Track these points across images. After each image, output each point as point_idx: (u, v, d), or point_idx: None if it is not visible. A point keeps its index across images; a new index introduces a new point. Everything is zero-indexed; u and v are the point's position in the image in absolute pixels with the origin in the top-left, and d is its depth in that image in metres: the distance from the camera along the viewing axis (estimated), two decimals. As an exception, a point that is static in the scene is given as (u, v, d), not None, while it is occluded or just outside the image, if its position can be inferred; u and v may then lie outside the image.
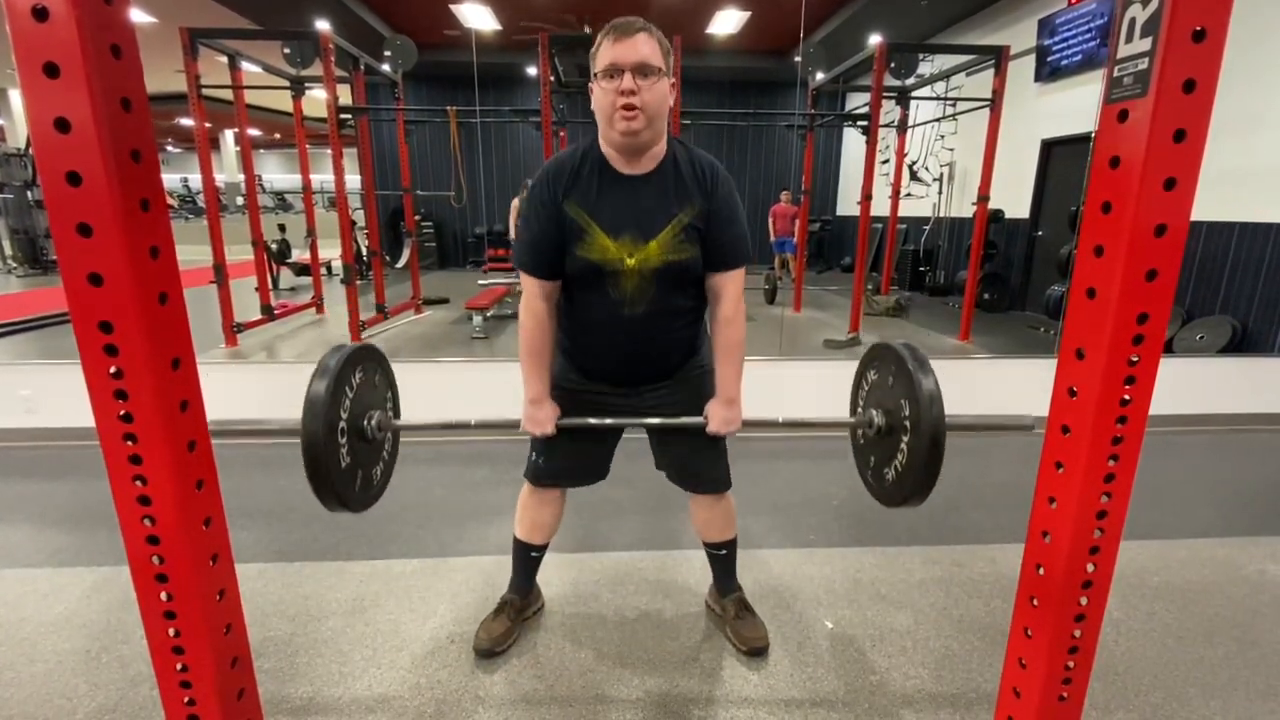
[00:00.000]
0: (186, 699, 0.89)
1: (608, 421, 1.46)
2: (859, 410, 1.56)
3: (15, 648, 1.64)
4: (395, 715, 1.44)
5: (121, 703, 1.46)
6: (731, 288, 1.37)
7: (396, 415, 1.56)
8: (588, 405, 1.48)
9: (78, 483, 2.66)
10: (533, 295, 1.38)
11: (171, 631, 0.85)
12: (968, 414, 1.35)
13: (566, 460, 1.55)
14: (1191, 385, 3.40)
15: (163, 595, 0.83)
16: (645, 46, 1.20)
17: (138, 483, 0.79)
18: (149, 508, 0.80)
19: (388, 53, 5.41)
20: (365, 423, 1.35)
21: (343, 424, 1.26)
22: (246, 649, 0.95)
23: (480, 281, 6.16)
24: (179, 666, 0.87)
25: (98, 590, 1.88)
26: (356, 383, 1.33)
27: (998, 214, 6.30)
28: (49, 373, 3.07)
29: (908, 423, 1.30)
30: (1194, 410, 3.36)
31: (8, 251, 8.96)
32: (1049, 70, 5.76)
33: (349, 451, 1.29)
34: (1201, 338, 4.30)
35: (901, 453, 1.34)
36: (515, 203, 5.37)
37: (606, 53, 1.21)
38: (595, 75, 1.24)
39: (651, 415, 1.49)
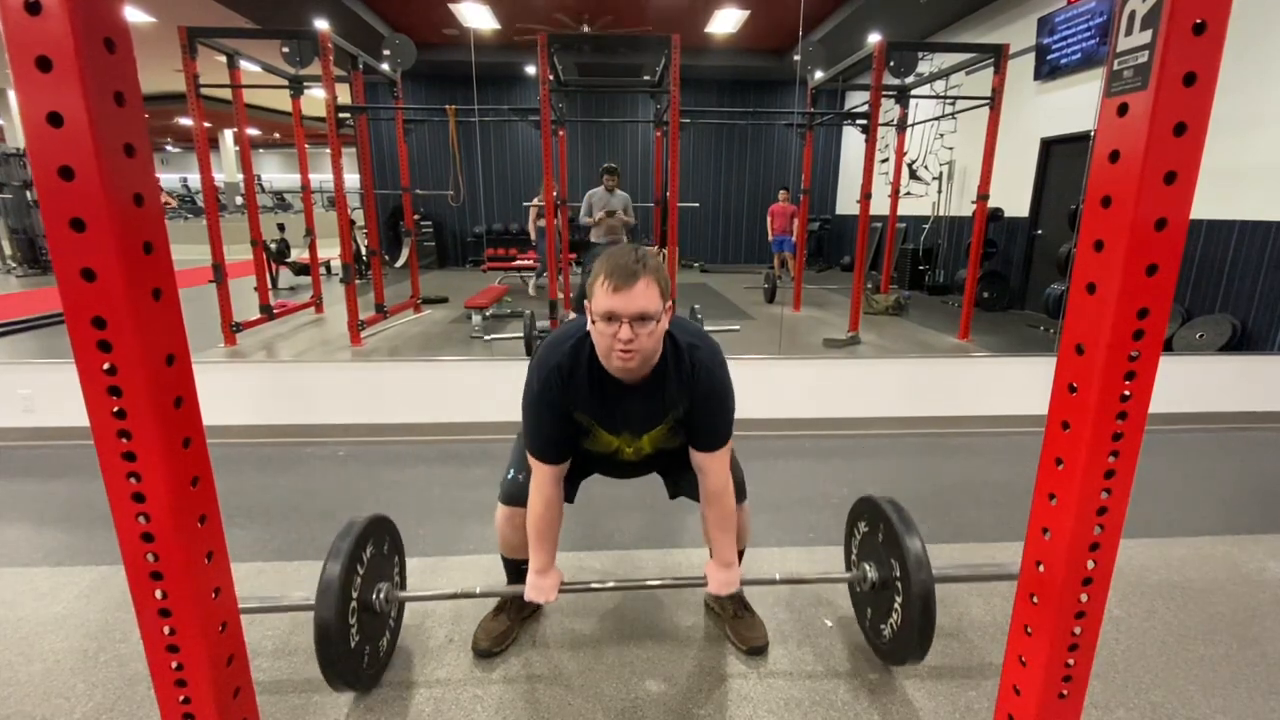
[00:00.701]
0: (181, 697, 0.88)
1: (609, 585, 1.62)
2: (853, 562, 1.68)
3: (13, 647, 1.64)
4: (394, 714, 1.43)
5: (119, 702, 1.45)
6: (716, 465, 1.43)
7: (403, 585, 1.69)
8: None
9: (76, 482, 2.65)
10: (544, 480, 1.41)
11: (166, 630, 0.84)
12: (957, 566, 1.54)
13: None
14: (1191, 383, 3.40)
15: (157, 593, 0.83)
16: (643, 297, 1.20)
17: (132, 480, 0.78)
18: (143, 505, 0.79)
19: (386, 52, 5.40)
20: (374, 596, 1.46)
21: (354, 603, 1.38)
22: (242, 647, 0.95)
23: (484, 271, 6.14)
24: (174, 665, 0.86)
25: (95, 589, 1.88)
26: (368, 558, 1.45)
27: (997, 212, 6.29)
28: (47, 372, 3.07)
29: (899, 584, 1.41)
30: (1194, 408, 3.36)
31: (7, 251, 8.96)
32: (1048, 69, 5.75)
33: (358, 630, 1.39)
34: (1201, 336, 4.30)
35: (895, 612, 1.45)
36: (532, 210, 5.26)
37: (605, 300, 1.20)
38: (593, 318, 1.24)
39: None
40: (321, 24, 4.45)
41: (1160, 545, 2.16)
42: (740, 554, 1.68)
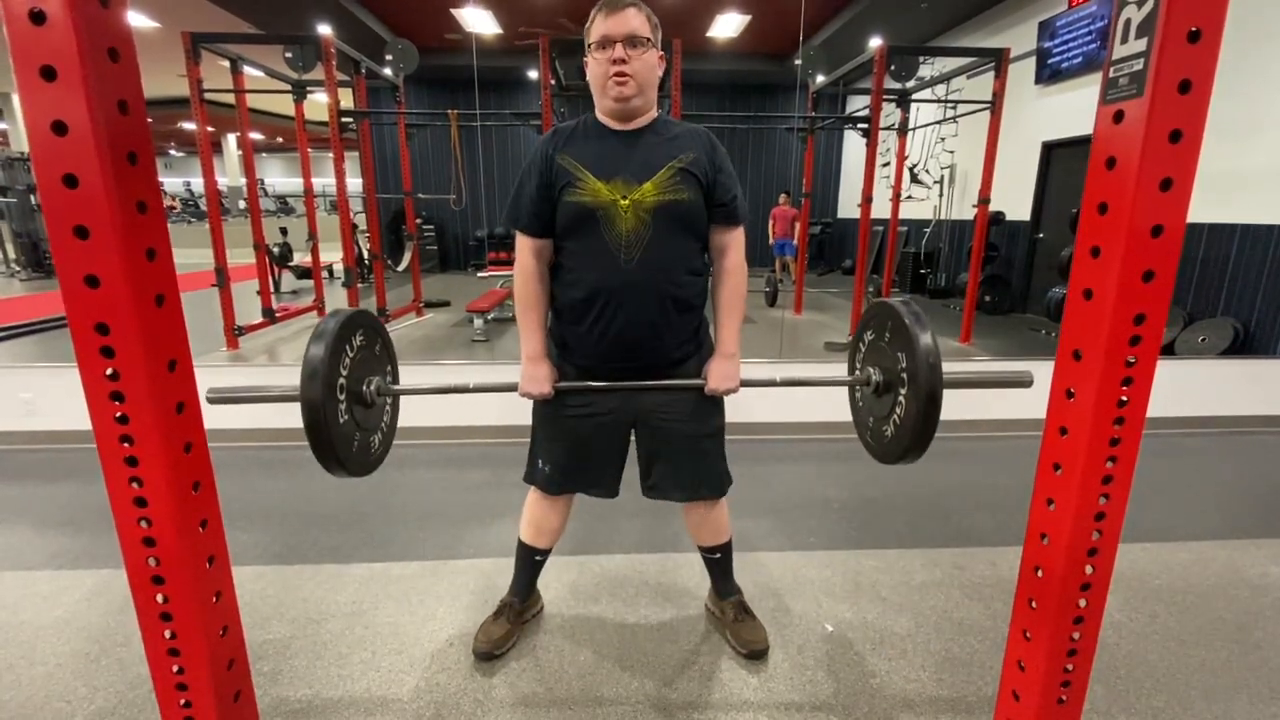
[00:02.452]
0: (183, 701, 0.89)
1: (609, 385, 1.42)
2: (857, 369, 1.53)
3: (15, 650, 1.64)
4: (394, 718, 1.44)
5: (120, 705, 1.46)
6: (736, 242, 1.44)
7: (395, 382, 1.51)
8: (584, 408, 1.47)
9: (78, 485, 2.66)
10: (524, 251, 1.42)
11: (168, 633, 0.85)
12: (966, 370, 1.34)
13: (571, 462, 1.53)
14: (1194, 387, 3.39)
15: (159, 597, 0.83)
16: (634, 19, 1.29)
17: (134, 484, 0.79)
18: (145, 509, 0.80)
19: (389, 56, 5.42)
20: (365, 387, 1.34)
21: (342, 382, 1.24)
22: (243, 651, 0.95)
23: (480, 275, 6.13)
24: (175, 669, 0.87)
25: (98, 593, 1.88)
26: (357, 345, 1.31)
27: (998, 216, 6.30)
28: (50, 375, 3.08)
29: (905, 375, 1.29)
30: (1196, 412, 3.35)
31: (11, 255, 9.00)
32: (1049, 72, 5.76)
33: (348, 413, 1.27)
34: (1203, 340, 4.29)
35: (899, 406, 1.32)
36: None
37: (599, 26, 1.30)
38: (589, 48, 1.33)
39: (653, 420, 1.48)
40: (324, 29, 4.47)
41: (1162, 550, 2.16)
42: (725, 549, 1.69)
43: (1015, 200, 6.23)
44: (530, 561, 1.69)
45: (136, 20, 6.31)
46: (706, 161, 1.37)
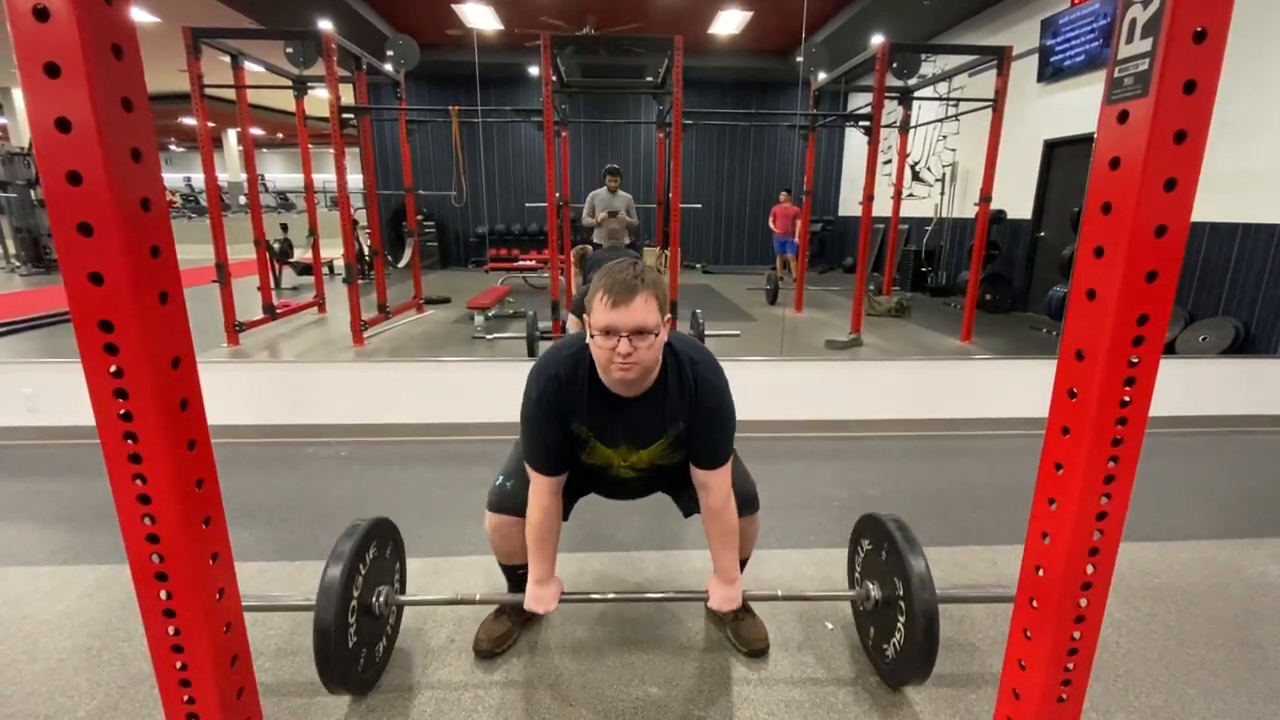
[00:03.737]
0: (186, 697, 0.89)
1: (609, 596, 1.70)
2: (857, 581, 1.67)
3: (17, 645, 1.65)
4: (395, 714, 1.44)
5: (122, 701, 1.46)
6: (717, 482, 1.43)
7: (403, 589, 1.69)
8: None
9: (80, 481, 2.67)
10: (542, 491, 1.42)
11: (171, 630, 0.85)
12: (960, 586, 1.58)
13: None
14: (1194, 387, 3.39)
15: (162, 594, 0.84)
16: (640, 311, 1.20)
17: (137, 481, 0.79)
18: (149, 506, 0.80)
19: (390, 52, 5.41)
20: (375, 599, 1.47)
21: (353, 604, 1.38)
22: (246, 647, 0.96)
23: (486, 272, 6.10)
24: (178, 665, 0.87)
25: (99, 588, 1.89)
26: (370, 559, 1.46)
27: (1000, 215, 6.29)
28: (51, 371, 3.08)
29: (902, 603, 1.41)
30: (1196, 412, 3.36)
31: (11, 250, 8.99)
32: (1051, 71, 5.75)
33: (356, 632, 1.39)
34: (1204, 339, 4.29)
35: (898, 632, 1.44)
36: (573, 256, 4.85)
37: (603, 315, 1.21)
38: (591, 332, 1.25)
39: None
40: (325, 24, 4.46)
41: (1162, 549, 2.16)
42: (745, 561, 1.68)
43: (1016, 199, 6.23)
44: (515, 576, 1.67)
45: (137, 15, 6.30)
46: (690, 425, 1.39)
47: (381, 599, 1.48)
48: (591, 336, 1.26)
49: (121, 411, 0.76)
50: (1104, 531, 0.88)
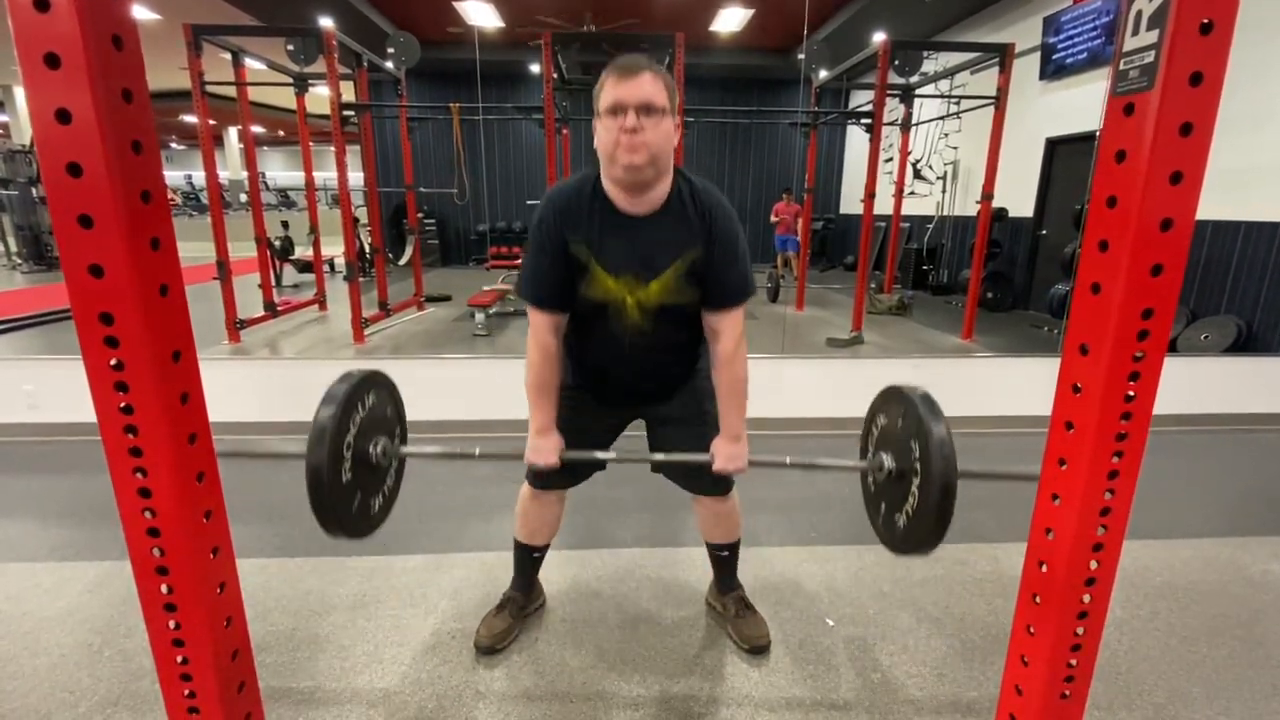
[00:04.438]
0: (187, 691, 0.89)
1: (612, 455, 1.47)
2: (869, 454, 1.54)
3: (18, 641, 1.65)
4: (396, 710, 1.44)
5: (124, 696, 1.46)
6: (730, 327, 1.35)
7: (404, 442, 1.55)
8: (589, 412, 1.52)
9: (81, 478, 2.67)
10: (541, 329, 1.36)
11: (172, 624, 0.85)
12: (977, 467, 1.35)
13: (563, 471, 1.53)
14: (1196, 385, 3.39)
15: (163, 588, 0.83)
16: (649, 86, 1.17)
17: (138, 475, 0.79)
18: (149, 500, 0.80)
19: (391, 50, 5.41)
20: (372, 449, 1.37)
21: (349, 441, 1.27)
22: (247, 642, 0.95)
23: (487, 270, 6.10)
24: (179, 659, 0.87)
25: (100, 584, 1.89)
26: (368, 405, 1.35)
27: (1001, 212, 6.28)
28: (52, 368, 3.08)
29: (918, 465, 1.29)
30: (1198, 410, 3.35)
31: (13, 248, 9.00)
32: (1054, 68, 5.74)
33: (353, 477, 1.30)
34: (1206, 337, 4.28)
35: (912, 497, 1.32)
36: None
37: (610, 91, 1.18)
38: (599, 113, 1.21)
39: (653, 423, 1.55)
40: (326, 22, 4.46)
41: (1164, 546, 2.16)
42: (734, 547, 1.69)
43: (1018, 197, 6.22)
44: (528, 559, 1.69)
45: (138, 12, 6.30)
46: (708, 255, 1.30)
47: (379, 449, 1.38)
48: (598, 125, 1.22)
49: (122, 405, 0.76)
50: (1108, 527, 0.87)
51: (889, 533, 1.42)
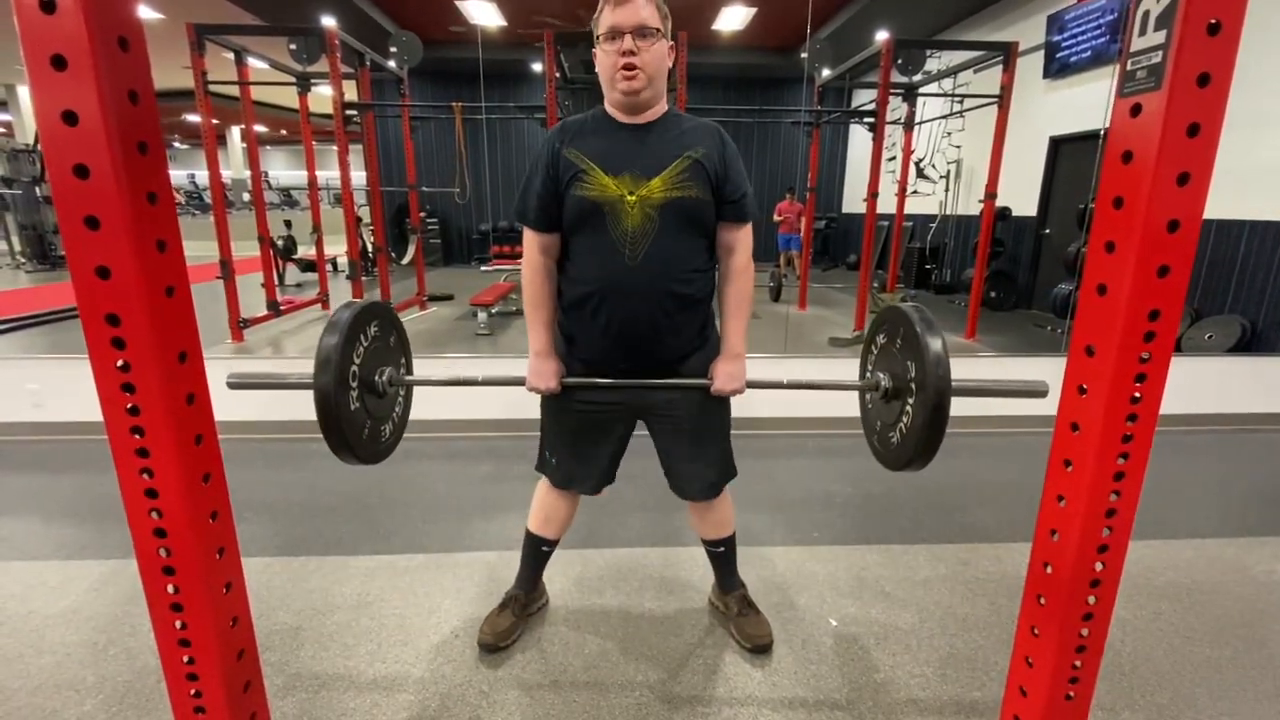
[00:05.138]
0: (193, 690, 0.89)
1: (615, 381, 1.41)
2: (867, 374, 1.51)
3: (23, 639, 1.65)
4: (400, 708, 1.44)
5: (129, 694, 1.47)
6: (744, 241, 1.41)
7: (409, 372, 1.54)
8: (592, 424, 1.50)
9: (86, 477, 2.67)
10: (532, 247, 1.41)
11: (178, 624, 0.85)
12: (980, 378, 1.31)
13: (573, 457, 1.54)
14: (1200, 385, 3.38)
15: (169, 588, 0.84)
16: (644, 9, 1.26)
17: (145, 475, 0.79)
18: (156, 500, 0.80)
19: (393, 49, 5.41)
20: (377, 377, 1.36)
21: (354, 369, 1.27)
22: (253, 642, 0.96)
23: (484, 270, 6.11)
24: (185, 659, 0.87)
25: (105, 583, 1.89)
26: (371, 335, 1.34)
27: (1005, 212, 6.27)
28: (57, 367, 3.09)
29: (914, 384, 1.27)
30: (1202, 410, 3.34)
31: (17, 247, 9.02)
32: (1058, 67, 5.72)
33: (359, 400, 1.30)
34: (1210, 337, 4.27)
35: (907, 414, 1.30)
36: None
37: (607, 17, 1.27)
38: (598, 39, 1.30)
39: (659, 414, 1.48)
40: (329, 21, 4.46)
41: (1167, 547, 2.15)
42: (728, 543, 1.69)
43: (1022, 196, 6.20)
44: (537, 552, 1.69)
45: (141, 12, 6.31)
46: (717, 157, 1.34)
47: (384, 378, 1.38)
48: (597, 51, 1.31)
49: (129, 405, 0.76)
50: (1113, 529, 0.87)
51: (884, 449, 1.42)
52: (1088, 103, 5.47)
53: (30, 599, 1.82)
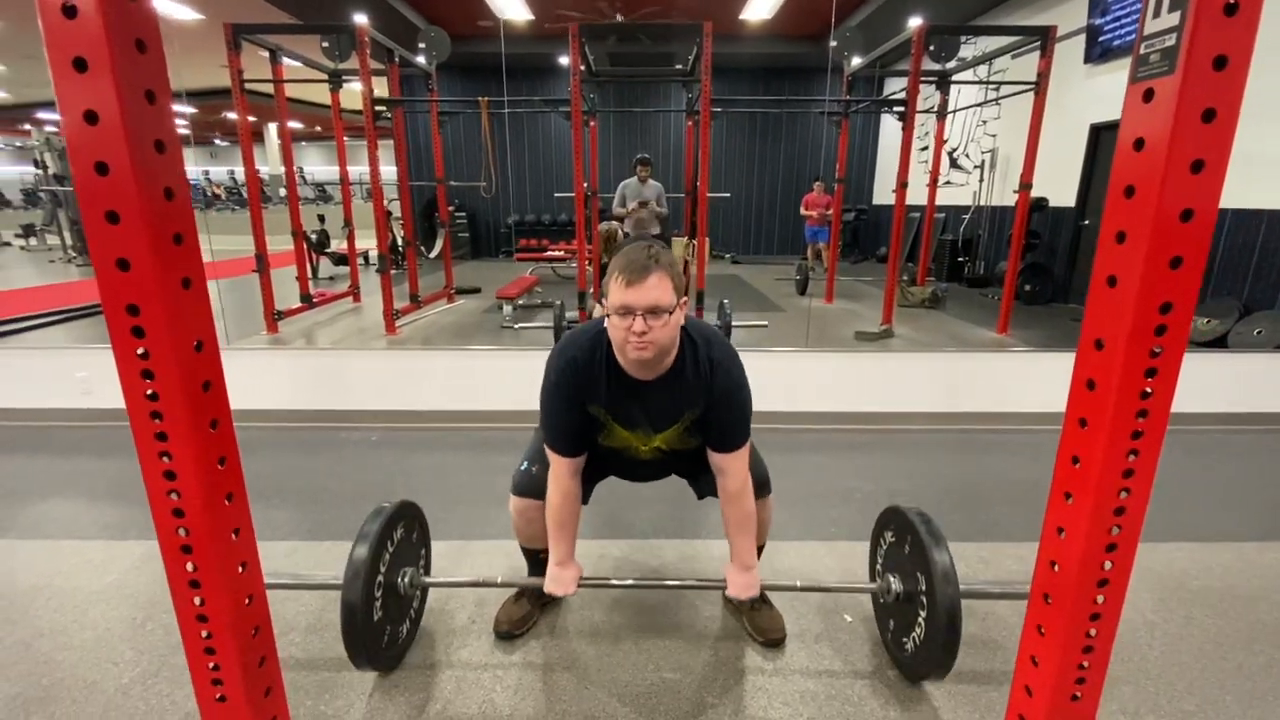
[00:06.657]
0: (211, 664, 0.93)
1: (628, 582, 1.73)
2: (878, 573, 1.64)
3: (68, 614, 1.75)
4: (415, 690, 1.49)
5: (163, 669, 1.54)
6: (734, 466, 1.43)
7: (428, 571, 1.73)
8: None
9: (129, 461, 2.78)
10: (562, 473, 1.44)
11: (197, 600, 0.89)
12: (985, 583, 1.52)
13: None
14: (1248, 382, 3.23)
15: (188, 566, 0.88)
16: (656, 290, 1.23)
17: (164, 459, 0.83)
18: (174, 483, 0.84)
19: (422, 44, 5.48)
20: (400, 579, 1.52)
21: (380, 579, 1.43)
22: (268, 619, 1.00)
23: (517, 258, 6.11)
24: (204, 634, 0.91)
25: (146, 562, 1.99)
26: (397, 539, 1.52)
27: (1041, 202, 6.06)
28: (104, 355, 3.23)
29: (924, 597, 1.39)
30: (1250, 409, 3.20)
31: (68, 241, 9.43)
32: (1100, 51, 5.49)
33: (382, 610, 1.44)
34: (1259, 333, 4.08)
35: (919, 626, 1.41)
36: (600, 233, 5.06)
37: (619, 295, 1.23)
38: (608, 313, 1.28)
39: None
40: (360, 19, 4.54)
41: (1203, 550, 2.07)
42: (760, 549, 1.68)
43: (1060, 186, 5.99)
44: (536, 560, 1.71)
45: (180, 12, 6.50)
46: (704, 413, 1.40)
47: (406, 579, 1.53)
48: (608, 318, 1.28)
49: (148, 392, 0.80)
50: (1122, 527, 0.85)
51: (899, 654, 1.53)
52: (1131, 88, 5.24)
53: (76, 576, 1.93)
